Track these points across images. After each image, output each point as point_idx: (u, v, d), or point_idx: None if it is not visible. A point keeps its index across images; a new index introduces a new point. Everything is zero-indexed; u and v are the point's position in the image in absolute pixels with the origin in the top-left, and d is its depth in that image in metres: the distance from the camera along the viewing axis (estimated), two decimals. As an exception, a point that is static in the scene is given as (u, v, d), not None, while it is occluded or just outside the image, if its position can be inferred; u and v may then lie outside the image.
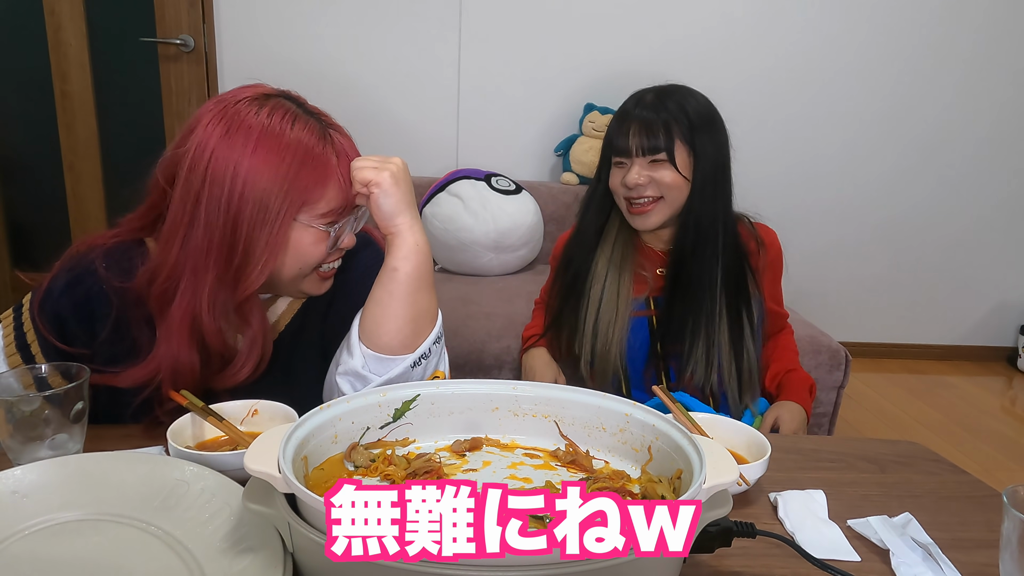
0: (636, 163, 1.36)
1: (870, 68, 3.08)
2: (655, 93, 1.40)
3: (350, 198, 0.96)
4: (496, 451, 0.82)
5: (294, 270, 0.96)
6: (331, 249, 0.98)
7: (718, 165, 1.39)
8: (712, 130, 1.39)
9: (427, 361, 0.96)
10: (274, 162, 0.89)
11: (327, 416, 0.75)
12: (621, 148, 1.38)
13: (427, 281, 0.96)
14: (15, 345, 0.98)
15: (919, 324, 3.43)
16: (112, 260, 0.98)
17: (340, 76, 2.91)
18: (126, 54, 2.92)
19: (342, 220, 0.97)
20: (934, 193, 3.24)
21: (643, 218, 1.39)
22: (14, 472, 0.74)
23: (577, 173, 2.95)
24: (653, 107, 1.37)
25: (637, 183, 1.36)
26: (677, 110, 1.36)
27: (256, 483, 0.63)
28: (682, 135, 1.35)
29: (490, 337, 2.19)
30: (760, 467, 0.88)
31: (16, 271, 1.06)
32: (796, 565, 0.75)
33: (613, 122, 1.42)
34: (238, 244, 0.90)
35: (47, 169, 3.01)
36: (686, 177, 1.36)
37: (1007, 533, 0.65)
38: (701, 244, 1.39)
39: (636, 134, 1.36)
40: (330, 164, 0.93)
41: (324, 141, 0.94)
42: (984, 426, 2.85)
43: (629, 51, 2.99)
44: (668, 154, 1.35)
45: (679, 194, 1.38)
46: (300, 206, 0.92)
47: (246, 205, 0.89)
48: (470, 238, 2.57)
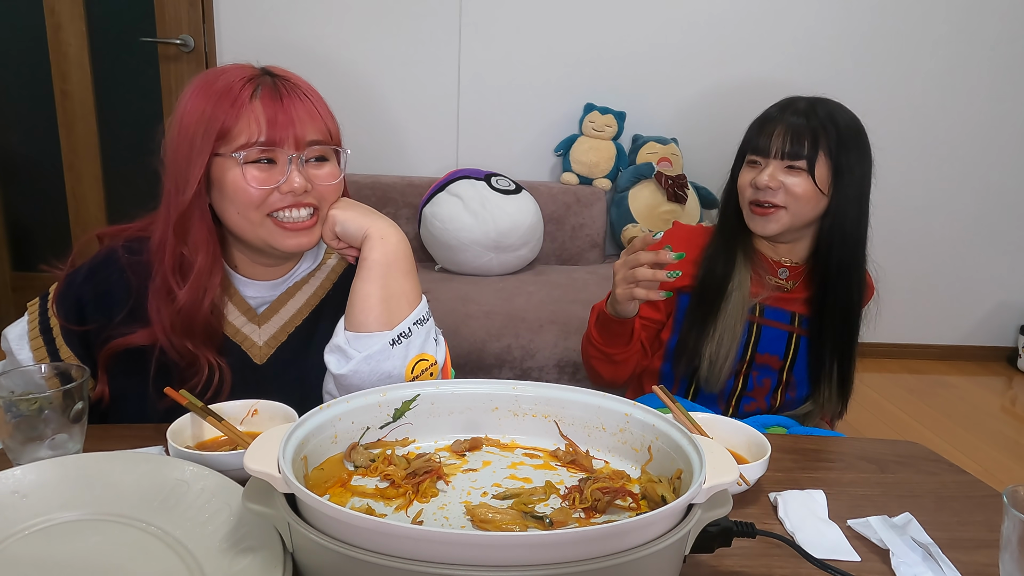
0: (771, 165, 1.32)
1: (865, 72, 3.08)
2: (807, 101, 1.35)
3: (278, 137, 0.96)
4: (496, 451, 0.82)
5: (235, 213, 0.98)
6: (273, 190, 0.96)
7: (863, 191, 1.34)
8: (859, 150, 1.33)
9: (408, 340, 0.98)
10: (200, 103, 0.96)
11: (327, 416, 0.75)
12: (760, 147, 1.33)
13: (398, 267, 1.00)
14: (38, 329, 1.04)
15: (919, 324, 3.43)
16: (132, 248, 1.04)
17: (340, 76, 2.91)
18: (126, 54, 2.92)
19: (266, 156, 0.96)
20: (934, 193, 3.24)
21: (763, 221, 1.34)
22: (14, 472, 0.74)
23: (577, 173, 2.95)
24: (804, 113, 1.32)
25: (767, 185, 1.30)
26: (827, 120, 1.31)
27: (256, 483, 0.63)
28: (827, 148, 1.30)
29: (490, 337, 2.19)
30: (760, 467, 0.88)
31: (41, 265, 1.09)
32: (796, 565, 0.75)
33: (755, 124, 1.38)
34: (180, 183, 0.97)
35: (47, 169, 3.00)
36: (822, 191, 1.31)
37: (1007, 533, 0.65)
38: (845, 270, 1.35)
39: (779, 136, 1.31)
40: (242, 97, 0.95)
41: (251, 82, 0.97)
42: (984, 426, 2.85)
43: (629, 51, 2.99)
44: (808, 163, 1.30)
45: (806, 207, 1.32)
46: (215, 138, 0.95)
47: (180, 144, 0.96)
48: (470, 238, 2.57)
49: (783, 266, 1.40)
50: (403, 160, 3.01)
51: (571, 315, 2.28)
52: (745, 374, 1.42)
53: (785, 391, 1.43)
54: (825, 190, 1.31)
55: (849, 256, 1.35)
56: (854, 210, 1.33)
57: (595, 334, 1.37)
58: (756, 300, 1.39)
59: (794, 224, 1.33)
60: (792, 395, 1.44)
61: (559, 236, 2.89)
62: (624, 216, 2.88)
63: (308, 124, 0.97)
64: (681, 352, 1.41)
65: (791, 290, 1.41)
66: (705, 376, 1.38)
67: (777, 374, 1.42)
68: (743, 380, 1.42)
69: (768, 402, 1.44)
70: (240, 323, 1.06)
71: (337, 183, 1.02)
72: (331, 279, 1.13)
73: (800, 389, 1.43)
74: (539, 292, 2.49)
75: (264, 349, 1.07)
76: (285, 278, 1.09)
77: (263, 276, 1.08)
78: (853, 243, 1.35)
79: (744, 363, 1.41)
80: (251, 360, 1.06)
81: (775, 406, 1.44)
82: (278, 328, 1.08)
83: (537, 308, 2.34)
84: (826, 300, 1.37)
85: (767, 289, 1.40)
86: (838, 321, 1.37)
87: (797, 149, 1.30)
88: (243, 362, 1.06)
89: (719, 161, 3.22)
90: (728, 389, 1.42)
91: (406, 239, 1.03)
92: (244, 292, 1.07)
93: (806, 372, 1.42)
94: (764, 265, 1.41)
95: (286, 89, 0.98)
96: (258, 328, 1.07)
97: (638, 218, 2.86)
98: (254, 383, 1.03)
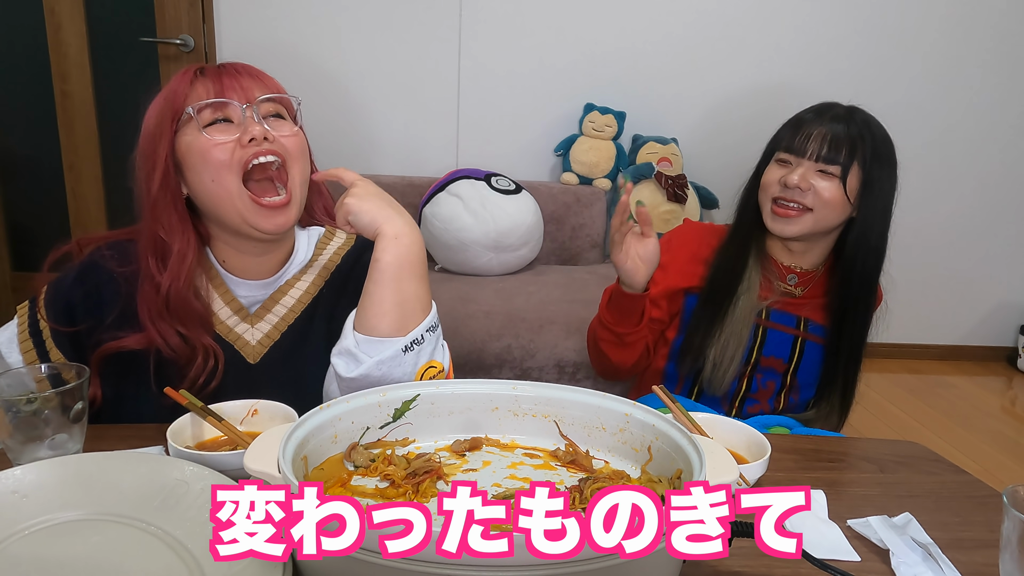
0: (804, 165, 1.30)
1: (865, 72, 3.08)
2: (845, 108, 1.35)
3: (227, 94, 1.00)
4: (496, 451, 0.82)
5: (209, 182, 0.99)
6: (235, 142, 0.98)
7: (888, 205, 1.34)
8: (890, 165, 1.34)
9: (420, 347, 0.96)
10: (155, 107, 1.03)
11: (327, 416, 0.75)
12: (795, 147, 1.31)
13: (412, 270, 0.97)
14: (28, 332, 1.04)
15: (919, 324, 3.42)
16: (118, 250, 1.05)
17: (340, 76, 2.91)
18: (126, 54, 2.92)
19: (221, 115, 1.00)
20: (934, 193, 3.24)
21: (785, 222, 1.32)
22: (14, 472, 0.74)
23: (577, 173, 2.95)
24: (843, 120, 1.31)
25: (797, 185, 1.29)
26: (865, 129, 1.31)
27: (256, 483, 0.63)
28: (863, 158, 1.30)
29: (490, 336, 2.19)
30: (760, 467, 0.88)
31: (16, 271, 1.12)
32: (796, 565, 0.75)
33: (789, 124, 1.36)
34: (148, 172, 1.01)
35: (47, 169, 3.00)
36: (849, 200, 1.30)
37: (1007, 533, 0.65)
38: (867, 283, 1.36)
39: (817, 139, 1.30)
40: (185, 80, 1.01)
41: (193, 69, 1.03)
42: (984, 426, 2.85)
43: (629, 51, 2.99)
44: (843, 170, 1.29)
45: (832, 213, 1.31)
46: (171, 120, 1.00)
47: (144, 146, 1.02)
48: (470, 238, 2.57)
49: (793, 272, 1.40)
50: (403, 160, 3.01)
51: (571, 315, 2.28)
52: (749, 376, 1.42)
53: (789, 394, 1.43)
54: (852, 199, 1.30)
55: (872, 269, 1.35)
56: (880, 224, 1.33)
57: (606, 314, 1.36)
58: (764, 304, 1.39)
59: (816, 228, 1.32)
60: (796, 398, 1.44)
61: (559, 236, 2.89)
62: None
63: (255, 84, 1.02)
64: (686, 352, 1.40)
65: (799, 296, 1.40)
66: (708, 378, 1.38)
67: (781, 377, 1.42)
68: (747, 382, 1.42)
69: (771, 405, 1.44)
70: (233, 323, 1.06)
71: (297, 135, 1.04)
72: (323, 276, 1.12)
73: (804, 392, 1.43)
74: (539, 292, 2.49)
75: (257, 348, 1.07)
76: (276, 277, 1.09)
77: (254, 275, 1.08)
78: (875, 257, 1.35)
79: (748, 365, 1.40)
80: (244, 360, 1.06)
81: (778, 409, 1.44)
82: (271, 327, 1.08)
83: (537, 308, 2.34)
84: (846, 312, 1.36)
85: (775, 294, 1.39)
86: (856, 333, 1.37)
87: (834, 155, 1.29)
88: (237, 361, 1.05)
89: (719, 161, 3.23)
90: (732, 391, 1.42)
91: (421, 238, 1.00)
92: (236, 292, 1.07)
93: (810, 376, 1.42)
94: (774, 270, 1.40)
95: (228, 65, 1.04)
96: (251, 327, 1.07)
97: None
98: (248, 382, 1.02)
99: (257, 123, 0.99)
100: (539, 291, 2.50)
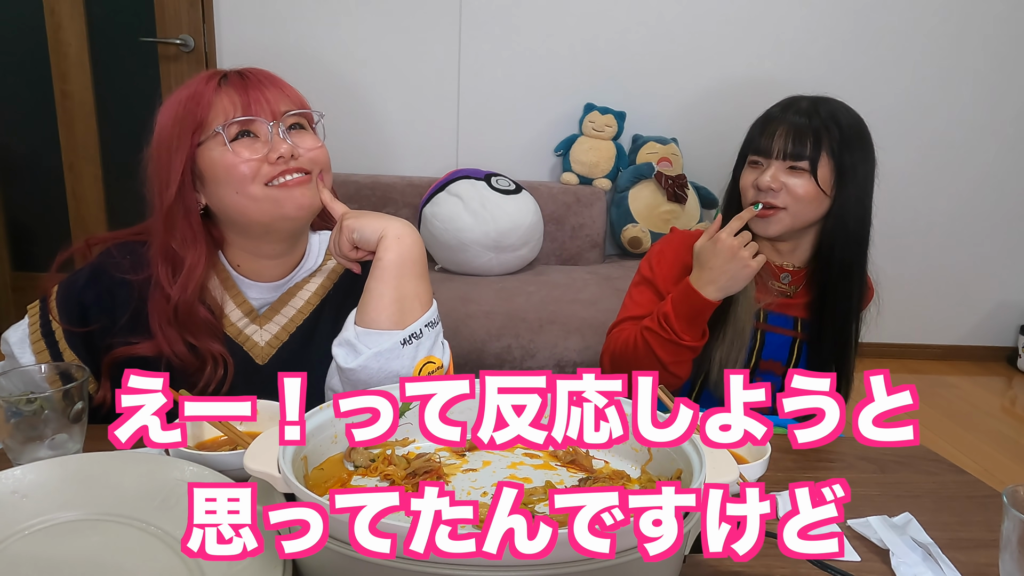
0: (773, 165, 1.30)
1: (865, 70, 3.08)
2: (809, 101, 1.34)
3: (254, 109, 1.00)
4: (496, 451, 0.81)
5: (233, 194, 0.99)
6: (263, 160, 0.99)
7: (866, 191, 1.34)
8: (862, 149, 1.33)
9: (418, 341, 0.98)
10: (172, 111, 1.01)
11: (327, 416, 0.75)
12: (762, 148, 1.32)
13: (413, 269, 0.99)
14: (40, 332, 1.04)
15: (919, 324, 3.42)
16: (129, 252, 1.05)
17: (340, 76, 2.91)
18: (126, 54, 2.92)
19: (247, 128, 1.00)
20: (934, 193, 3.24)
21: (765, 223, 1.32)
22: (14, 472, 0.74)
23: (577, 173, 2.95)
24: (806, 113, 1.31)
25: (769, 186, 1.29)
26: (830, 120, 1.30)
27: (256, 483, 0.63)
28: (830, 148, 1.29)
29: (490, 336, 2.20)
30: (760, 467, 0.88)
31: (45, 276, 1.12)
32: (796, 565, 0.75)
33: (757, 124, 1.36)
34: (163, 182, 1.01)
35: (47, 169, 3.00)
36: (825, 192, 1.30)
37: (1007, 533, 0.65)
38: (847, 272, 1.34)
39: (781, 136, 1.30)
40: (209, 89, 1.00)
41: (215, 76, 1.02)
42: (984, 426, 2.85)
43: (629, 51, 2.99)
44: (811, 164, 1.28)
45: (808, 208, 1.30)
46: (192, 131, 0.99)
47: (159, 153, 1.01)
48: (470, 238, 2.57)
49: (785, 271, 1.40)
50: (403, 160, 3.01)
51: (571, 315, 2.28)
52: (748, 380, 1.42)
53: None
54: (828, 191, 1.30)
55: (851, 257, 1.34)
56: (857, 210, 1.32)
57: (686, 327, 1.32)
58: (760, 306, 1.39)
59: (795, 225, 1.32)
60: None
61: (559, 236, 2.89)
62: (624, 216, 2.88)
63: (280, 98, 1.02)
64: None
65: (793, 295, 1.40)
66: (715, 380, 1.38)
67: (780, 380, 1.42)
68: None
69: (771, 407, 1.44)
70: (242, 324, 1.07)
71: (321, 148, 1.05)
72: (331, 279, 1.14)
73: None
74: (539, 292, 2.49)
75: (266, 349, 1.08)
76: (287, 279, 1.10)
77: (267, 277, 1.09)
78: (856, 244, 1.34)
79: (748, 369, 1.40)
80: (253, 361, 1.07)
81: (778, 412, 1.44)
82: (279, 328, 1.09)
83: (537, 308, 2.34)
84: (826, 303, 1.36)
85: (771, 295, 1.39)
86: (838, 325, 1.36)
87: (799, 150, 1.28)
88: (245, 363, 1.06)
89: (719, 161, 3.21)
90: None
91: (421, 240, 1.03)
92: (247, 294, 1.08)
93: None
94: (767, 270, 1.40)
95: (251, 75, 1.02)
96: (259, 328, 1.08)
97: (638, 218, 2.86)
98: (257, 383, 1.03)
99: (283, 139, 1.00)
100: (539, 291, 2.50)
